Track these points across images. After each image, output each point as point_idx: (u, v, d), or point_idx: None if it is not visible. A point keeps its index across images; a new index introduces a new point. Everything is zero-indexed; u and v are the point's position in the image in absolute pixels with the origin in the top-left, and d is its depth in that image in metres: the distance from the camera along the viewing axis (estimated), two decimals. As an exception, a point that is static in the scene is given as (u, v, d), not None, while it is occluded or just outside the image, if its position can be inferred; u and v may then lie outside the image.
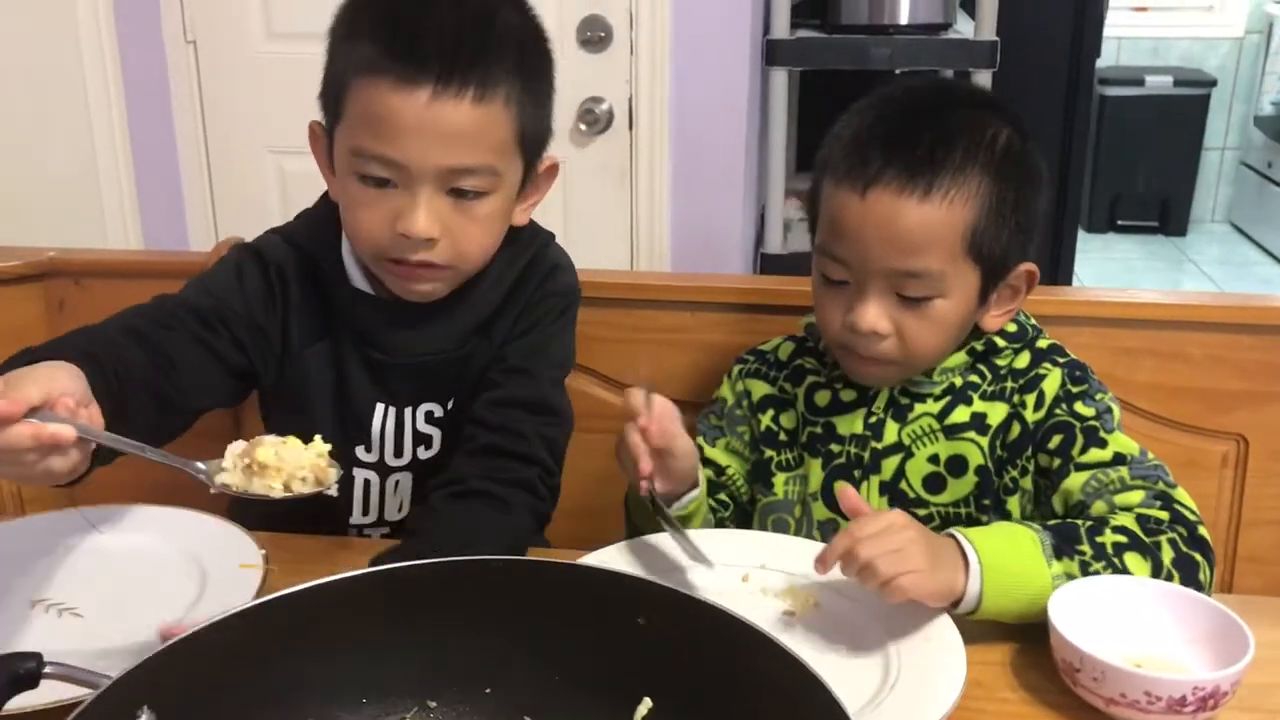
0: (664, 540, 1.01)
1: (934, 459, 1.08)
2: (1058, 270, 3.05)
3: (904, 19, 2.33)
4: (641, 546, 1.01)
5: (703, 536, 1.06)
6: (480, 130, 0.97)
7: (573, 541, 1.09)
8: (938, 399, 1.09)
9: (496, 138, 0.99)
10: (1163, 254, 4.72)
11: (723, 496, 1.16)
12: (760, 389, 1.18)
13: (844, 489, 0.96)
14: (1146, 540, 0.93)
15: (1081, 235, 3.45)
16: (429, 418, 1.12)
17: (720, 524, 1.14)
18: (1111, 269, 4.50)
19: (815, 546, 1.00)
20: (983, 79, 2.25)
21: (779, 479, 1.15)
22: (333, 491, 0.84)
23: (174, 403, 0.98)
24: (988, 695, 0.83)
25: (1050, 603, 0.83)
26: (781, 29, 2.23)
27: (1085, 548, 0.92)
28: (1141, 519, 0.95)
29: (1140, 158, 4.72)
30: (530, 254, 1.12)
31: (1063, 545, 0.92)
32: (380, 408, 1.10)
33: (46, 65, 2.14)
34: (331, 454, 0.87)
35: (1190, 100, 4.69)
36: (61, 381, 0.79)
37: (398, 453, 1.12)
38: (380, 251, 1.01)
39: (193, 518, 1.07)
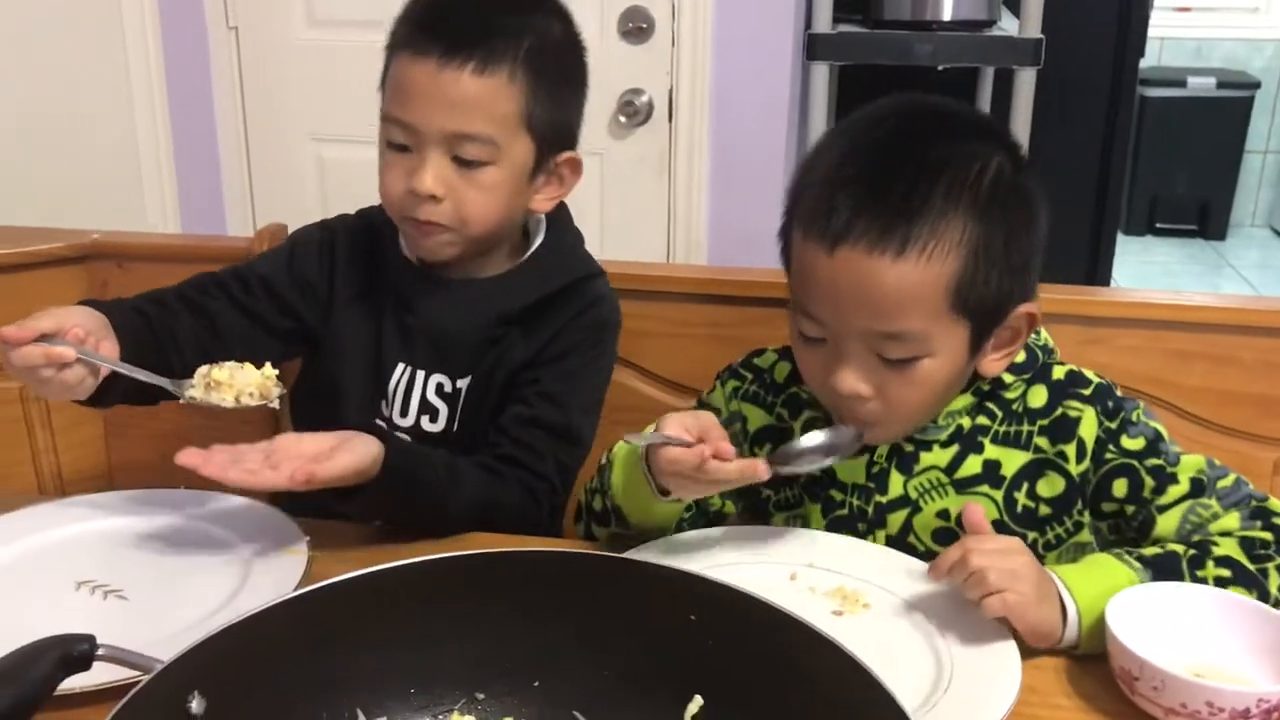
0: (711, 536, 1.00)
1: (944, 514, 1.00)
2: (1096, 273, 3.02)
3: (947, 15, 2.30)
4: (687, 542, 0.99)
5: (749, 533, 1.05)
6: (480, 100, 1.07)
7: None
8: (945, 445, 1.01)
9: (498, 111, 1.08)
10: (1201, 258, 4.65)
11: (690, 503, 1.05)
12: (757, 418, 1.09)
13: (971, 507, 0.90)
14: (1252, 569, 0.89)
15: (1119, 238, 3.40)
16: (439, 390, 1.19)
17: (679, 527, 1.04)
18: (1150, 272, 4.44)
19: (864, 546, 0.99)
20: (1027, 77, 2.22)
21: (778, 518, 1.08)
22: (274, 404, 1.02)
23: (220, 360, 1.07)
24: (1042, 701, 0.81)
25: (1108, 609, 0.82)
26: (823, 23, 2.21)
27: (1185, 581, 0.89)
28: (1246, 544, 0.91)
29: (1180, 160, 4.66)
30: (577, 277, 1.20)
31: (1157, 573, 0.88)
32: (400, 366, 1.19)
33: (90, 51, 2.16)
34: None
35: (1233, 102, 4.62)
36: (75, 317, 0.98)
37: (403, 413, 1.19)
38: (397, 209, 1.12)
39: (235, 502, 1.07)
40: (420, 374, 1.19)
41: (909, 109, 0.97)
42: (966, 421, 1.01)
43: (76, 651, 0.66)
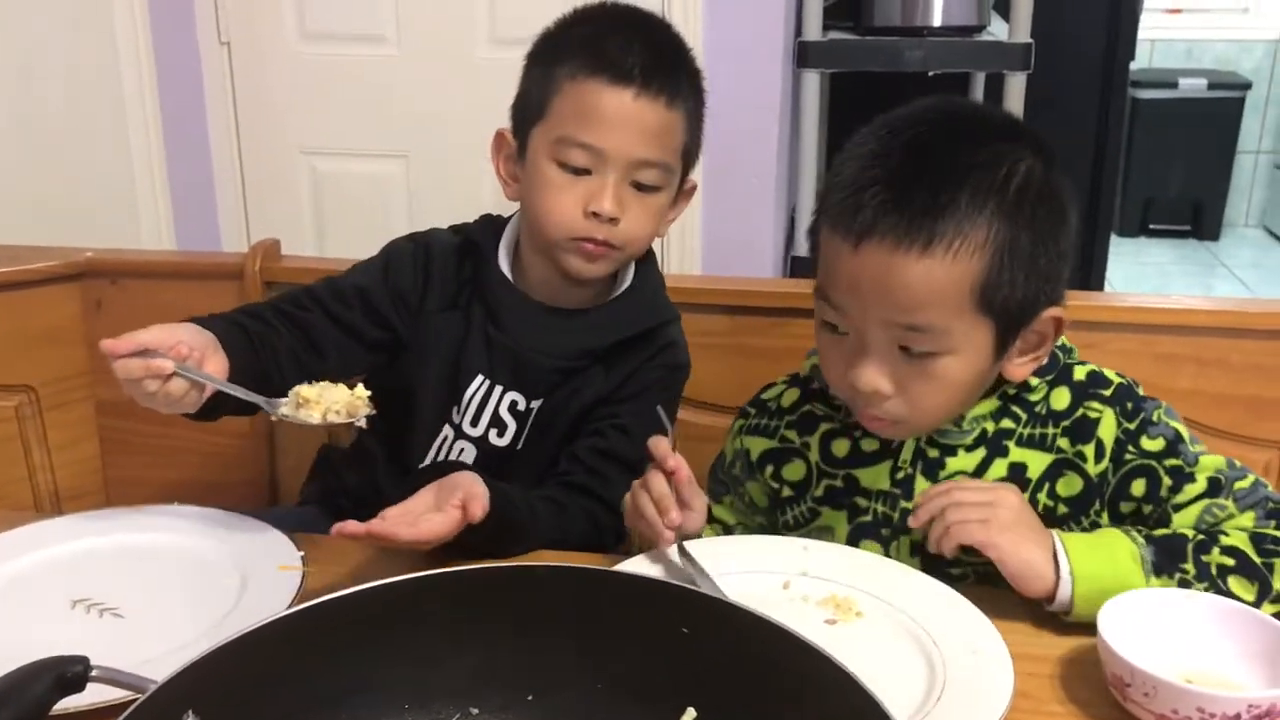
0: (703, 546, 1.01)
1: None
2: (1089, 274, 3.03)
3: (937, 21, 2.32)
4: (677, 553, 1.00)
5: (743, 542, 1.06)
6: (666, 131, 1.15)
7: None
8: (970, 450, 1.01)
9: (675, 142, 1.17)
10: (1195, 258, 4.67)
11: None
12: (758, 445, 1.11)
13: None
14: (1257, 562, 0.90)
15: (1113, 239, 3.41)
16: (511, 407, 1.22)
17: None
18: (1143, 273, 4.45)
19: (857, 554, 1.00)
20: (1017, 81, 2.24)
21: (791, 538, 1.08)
22: (361, 423, 1.03)
23: (316, 372, 1.12)
24: (1035, 708, 0.82)
25: (1100, 616, 0.82)
26: (814, 31, 2.22)
27: (1189, 565, 0.89)
28: (1256, 538, 0.91)
29: (1173, 161, 4.67)
30: (656, 322, 1.25)
31: (1164, 562, 0.89)
32: (479, 379, 1.22)
33: (83, 66, 2.16)
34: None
35: (1224, 103, 4.63)
36: (181, 333, 1.02)
37: (474, 423, 1.23)
38: (569, 231, 1.15)
39: (231, 518, 1.07)
40: (498, 389, 1.22)
41: (941, 111, 0.98)
42: (991, 426, 1.01)
43: (70, 673, 0.66)
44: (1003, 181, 0.91)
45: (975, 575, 1.02)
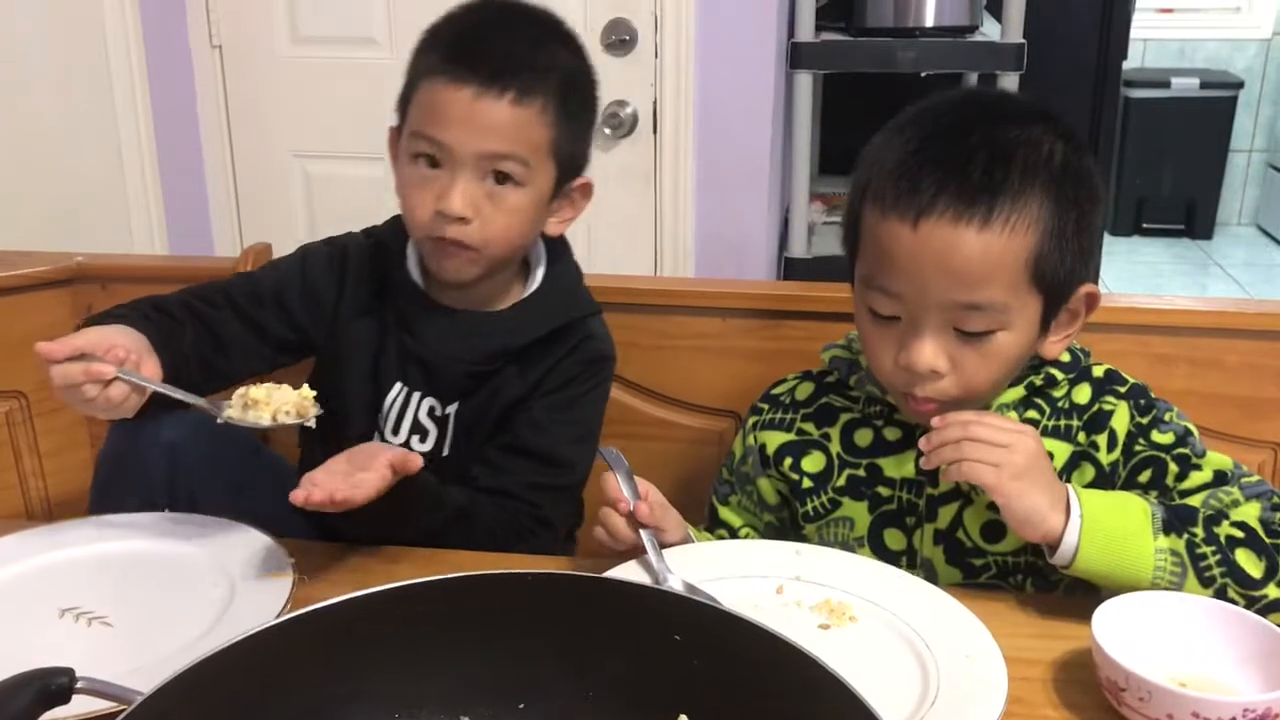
0: (696, 550, 1.00)
1: (993, 506, 0.98)
2: (1084, 274, 3.03)
3: (929, 21, 2.31)
4: (672, 557, 0.99)
5: (736, 547, 1.05)
6: (516, 127, 1.11)
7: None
8: None
9: (531, 139, 1.12)
10: (1189, 257, 4.67)
11: None
12: (775, 439, 1.12)
13: None
14: (1267, 541, 0.91)
15: (1106, 239, 3.42)
16: (430, 412, 1.21)
17: None
18: (1138, 272, 4.46)
19: (851, 559, 0.99)
20: (1009, 82, 2.23)
21: (810, 529, 1.09)
22: (310, 423, 1.03)
23: (220, 371, 1.15)
24: (1029, 713, 0.81)
25: (1094, 620, 0.82)
26: (806, 32, 2.22)
27: (1198, 530, 0.90)
28: (1265, 522, 0.93)
29: (1166, 160, 4.68)
30: (568, 318, 1.22)
31: (1174, 521, 0.91)
32: (397, 386, 1.21)
33: (74, 70, 2.15)
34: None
35: (1217, 102, 4.64)
36: (113, 336, 1.00)
37: (395, 431, 1.22)
38: (425, 229, 1.14)
39: (221, 525, 1.06)
40: (415, 395, 1.21)
41: (973, 97, 1.05)
42: (1015, 416, 1.03)
43: (55, 685, 0.66)
44: (1046, 159, 0.95)
45: (997, 567, 1.03)
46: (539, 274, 1.23)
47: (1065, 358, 1.05)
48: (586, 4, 2.05)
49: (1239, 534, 0.91)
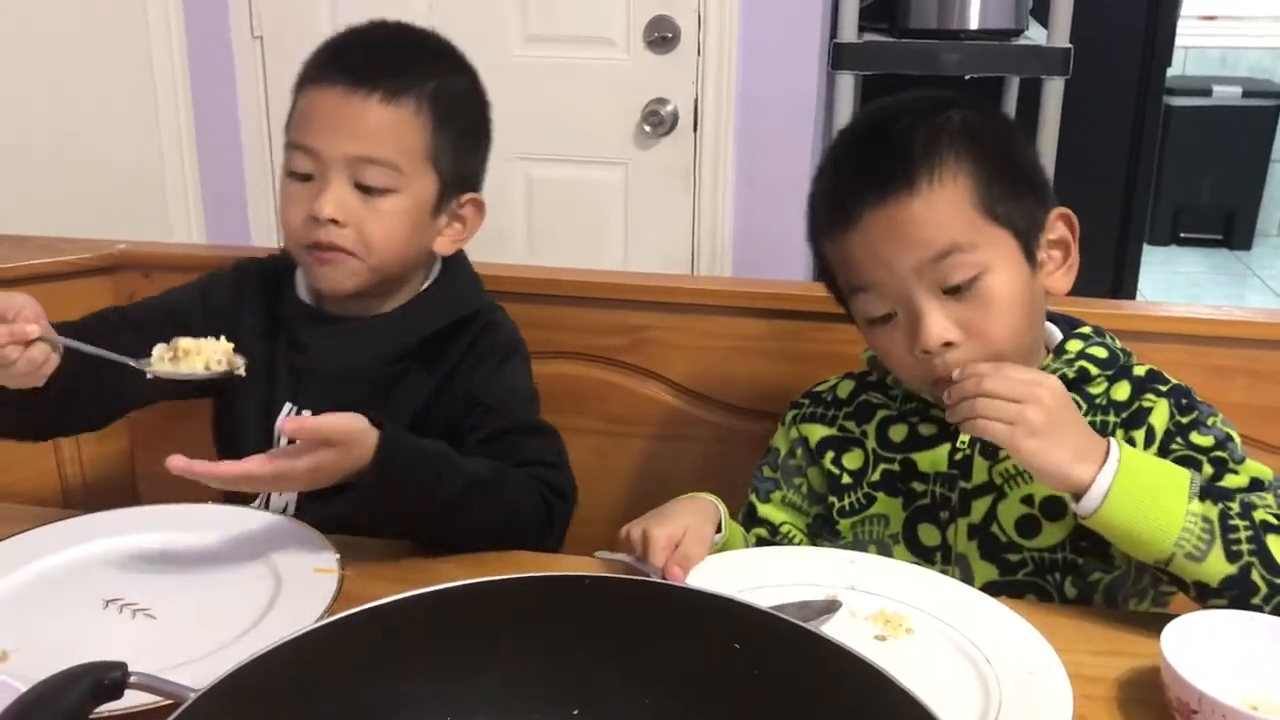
0: (748, 558, 0.99)
1: (1028, 500, 1.00)
2: (1121, 283, 2.98)
3: (974, 24, 2.28)
4: (723, 564, 0.98)
5: (788, 554, 1.03)
6: (386, 128, 1.10)
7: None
8: None
9: (403, 141, 1.11)
10: (1227, 268, 4.61)
11: None
12: (817, 432, 1.12)
13: None
14: None
15: (1144, 248, 3.37)
16: None
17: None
18: (1175, 282, 4.40)
19: (905, 567, 0.97)
20: (1054, 86, 2.20)
21: (844, 524, 1.08)
22: (241, 372, 1.03)
23: (123, 394, 1.14)
24: (1093, 732, 0.79)
25: (1163, 638, 0.79)
26: (849, 32, 2.19)
27: (1234, 505, 0.89)
28: None
29: (1205, 169, 4.62)
30: (470, 311, 1.20)
31: (1211, 490, 0.90)
32: (287, 407, 1.18)
33: (116, 61, 2.16)
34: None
35: (1258, 111, 4.58)
36: (19, 301, 0.96)
37: None
38: (299, 238, 1.12)
39: (264, 518, 1.05)
40: (306, 414, 1.15)
41: (871, 108, 1.09)
42: None
43: (108, 680, 0.65)
44: (943, 123, 0.98)
45: (1034, 564, 1.01)
46: (432, 275, 1.21)
47: (1103, 354, 1.03)
48: (630, 1, 2.03)
49: (1274, 520, 0.89)
